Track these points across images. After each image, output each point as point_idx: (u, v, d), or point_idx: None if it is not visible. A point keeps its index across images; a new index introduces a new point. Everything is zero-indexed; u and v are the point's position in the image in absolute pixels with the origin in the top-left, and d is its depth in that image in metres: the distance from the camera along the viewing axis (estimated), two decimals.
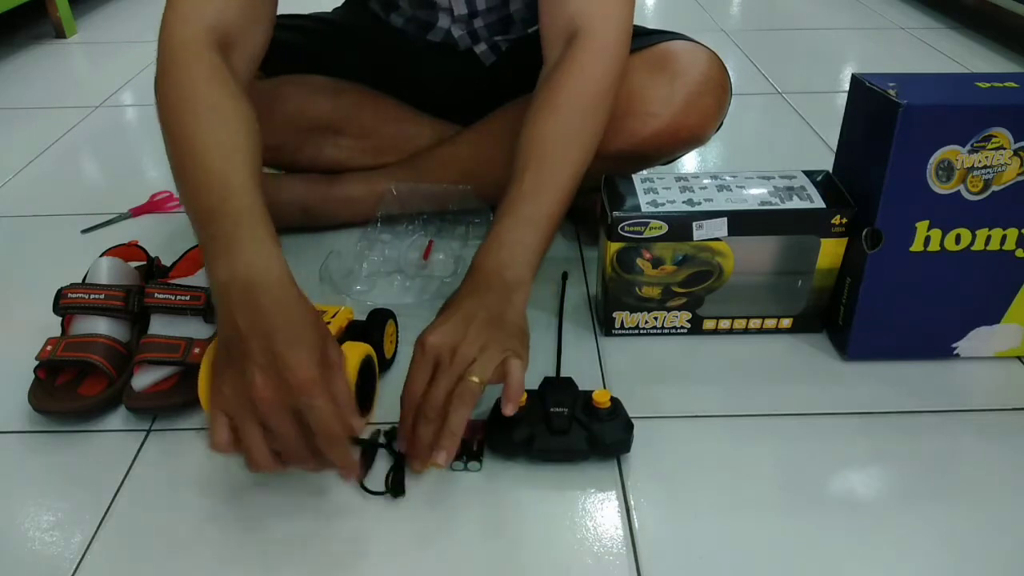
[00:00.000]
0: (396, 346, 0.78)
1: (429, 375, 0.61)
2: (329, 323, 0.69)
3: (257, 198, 0.63)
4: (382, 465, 0.65)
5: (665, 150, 0.86)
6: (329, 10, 1.06)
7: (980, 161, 0.67)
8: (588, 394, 0.66)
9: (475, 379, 0.59)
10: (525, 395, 0.65)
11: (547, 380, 0.69)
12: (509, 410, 0.61)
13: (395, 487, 0.63)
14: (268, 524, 0.61)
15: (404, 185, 0.95)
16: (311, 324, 0.58)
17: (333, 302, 0.82)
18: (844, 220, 0.73)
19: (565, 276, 0.88)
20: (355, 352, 0.65)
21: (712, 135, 0.88)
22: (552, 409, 0.65)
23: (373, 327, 0.74)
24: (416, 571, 0.57)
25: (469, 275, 0.68)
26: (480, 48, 0.95)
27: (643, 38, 0.88)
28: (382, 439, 0.66)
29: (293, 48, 0.96)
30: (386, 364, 0.75)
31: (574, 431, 0.64)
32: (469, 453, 0.65)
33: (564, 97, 0.72)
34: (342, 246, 0.94)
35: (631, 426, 0.65)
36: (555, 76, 0.73)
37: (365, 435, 0.65)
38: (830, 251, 0.75)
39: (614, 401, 0.65)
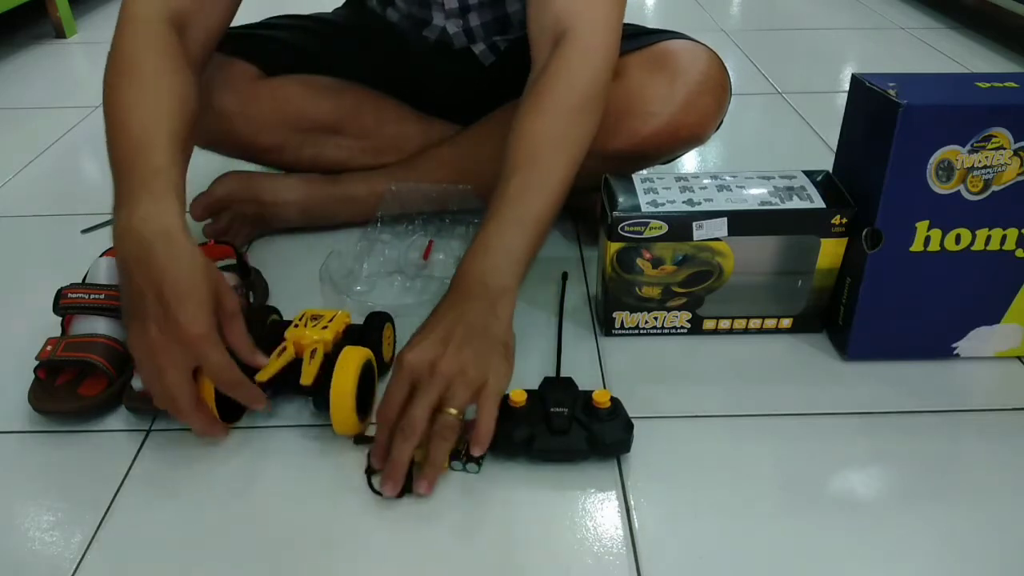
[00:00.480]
0: (394, 349, 0.78)
1: (406, 393, 0.61)
2: (326, 327, 0.70)
3: (170, 159, 0.64)
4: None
5: (665, 149, 0.86)
6: (329, 10, 1.06)
7: (980, 161, 0.67)
8: (588, 394, 0.66)
9: (452, 411, 0.60)
10: (525, 395, 0.65)
11: (547, 380, 0.69)
12: (476, 451, 0.62)
13: (404, 484, 0.63)
14: (268, 524, 0.61)
15: (404, 185, 0.95)
16: (202, 277, 0.60)
17: (333, 302, 0.82)
18: (844, 220, 0.73)
19: (565, 276, 0.88)
20: (355, 357, 0.65)
21: (712, 134, 0.88)
22: (552, 409, 0.65)
23: (371, 330, 0.74)
24: (416, 571, 0.57)
25: (454, 283, 0.67)
26: (479, 48, 0.95)
27: (643, 37, 0.88)
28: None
29: (293, 48, 0.97)
30: (385, 367, 0.75)
31: (574, 431, 0.64)
32: (468, 454, 0.65)
33: (551, 100, 0.72)
34: (342, 246, 0.94)
35: (631, 426, 0.65)
36: (542, 79, 0.72)
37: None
38: (830, 251, 0.75)
39: (614, 401, 0.65)
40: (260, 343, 0.67)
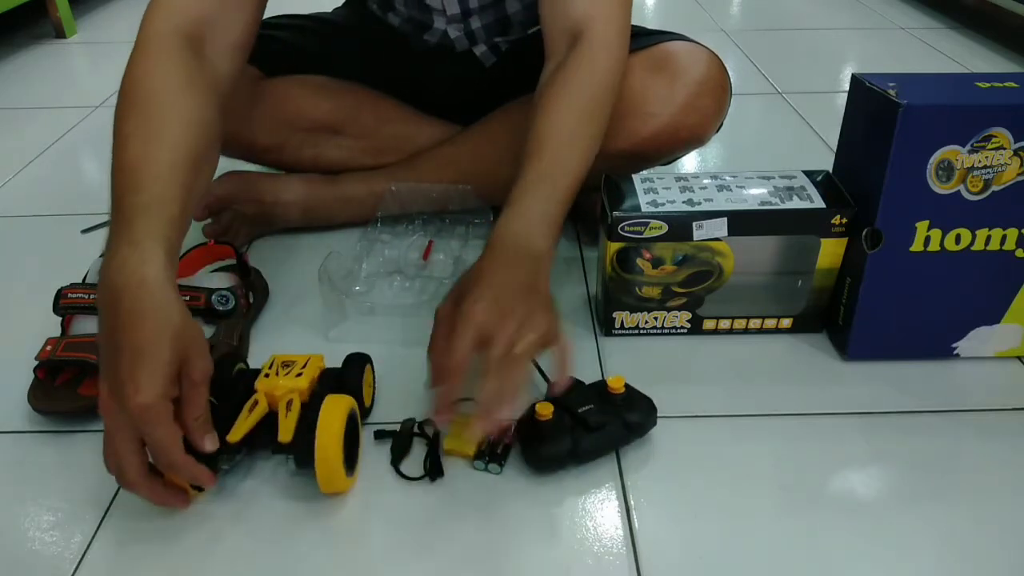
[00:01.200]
0: (374, 391, 0.73)
1: (471, 346, 0.58)
2: (300, 374, 0.63)
3: (163, 193, 0.59)
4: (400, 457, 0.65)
5: (665, 150, 0.86)
6: (329, 10, 1.06)
7: (980, 161, 0.67)
8: (602, 384, 0.67)
9: (518, 350, 0.58)
10: (551, 407, 0.65)
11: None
12: (564, 380, 0.63)
13: (432, 470, 0.64)
14: (268, 523, 0.61)
15: (404, 185, 0.95)
16: (168, 337, 0.54)
17: (332, 302, 0.82)
18: (844, 220, 0.73)
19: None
20: (338, 407, 0.60)
21: (712, 136, 0.88)
22: (581, 410, 0.65)
23: (350, 375, 0.68)
24: (415, 570, 0.57)
25: (495, 246, 0.66)
26: (479, 50, 0.95)
27: (643, 38, 0.88)
28: (415, 427, 0.68)
29: (294, 48, 0.97)
30: (366, 413, 0.70)
31: (610, 423, 0.65)
32: (492, 455, 0.65)
33: (574, 93, 0.73)
34: (342, 246, 0.94)
35: (651, 401, 0.67)
36: (562, 74, 0.73)
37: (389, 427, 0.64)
38: (830, 251, 0.75)
39: (626, 384, 0.67)
40: (226, 396, 0.63)
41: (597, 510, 0.62)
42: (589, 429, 0.64)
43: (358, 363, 0.69)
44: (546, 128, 0.71)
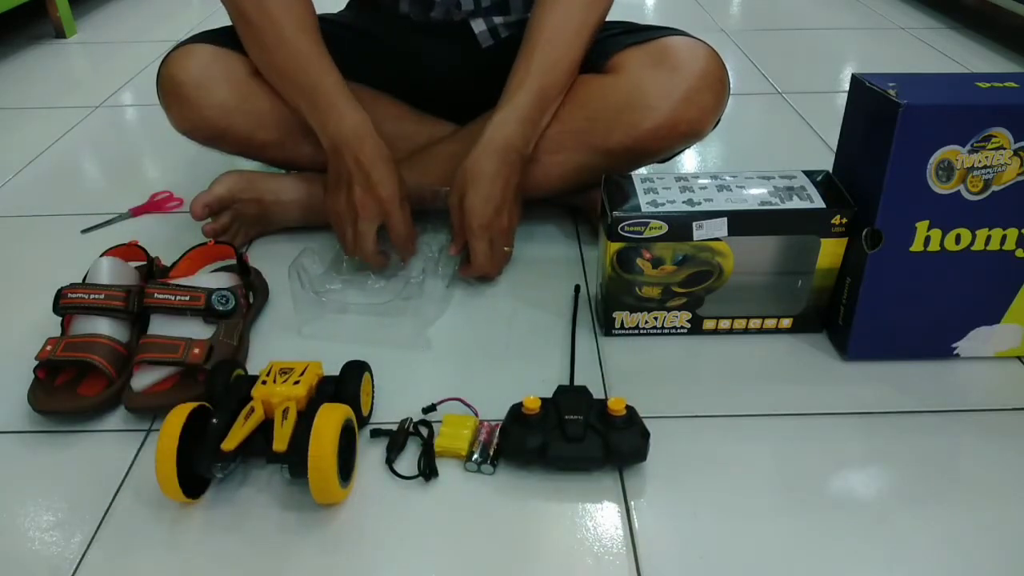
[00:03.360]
0: (373, 399, 0.71)
1: (489, 249, 0.84)
2: (298, 382, 0.64)
3: (336, 72, 0.86)
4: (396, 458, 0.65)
5: (664, 144, 0.86)
6: (333, 12, 1.06)
7: (980, 161, 0.67)
8: (603, 402, 0.66)
9: (507, 249, 0.87)
10: (539, 402, 0.65)
11: (561, 388, 0.69)
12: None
13: (427, 470, 0.64)
14: (268, 523, 0.61)
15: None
16: (393, 164, 0.83)
17: (302, 301, 0.81)
18: (844, 220, 0.73)
19: (577, 289, 0.87)
20: (333, 417, 0.60)
21: (710, 130, 0.88)
22: (567, 417, 0.64)
23: (348, 383, 0.67)
24: (416, 570, 0.57)
25: (485, 148, 0.82)
26: (478, 27, 0.95)
27: (643, 33, 0.88)
28: (411, 427, 0.68)
29: None
30: (363, 421, 0.68)
31: (589, 439, 0.63)
32: (484, 455, 0.65)
33: None
34: (316, 243, 0.93)
35: (647, 434, 0.64)
36: None
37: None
38: (830, 251, 0.75)
39: (629, 409, 0.65)
40: (223, 403, 0.63)
41: (597, 510, 0.62)
42: (564, 437, 0.63)
43: (356, 371, 0.68)
44: (538, 28, 0.84)
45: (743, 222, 0.73)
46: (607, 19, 0.91)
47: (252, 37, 0.87)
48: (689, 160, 1.23)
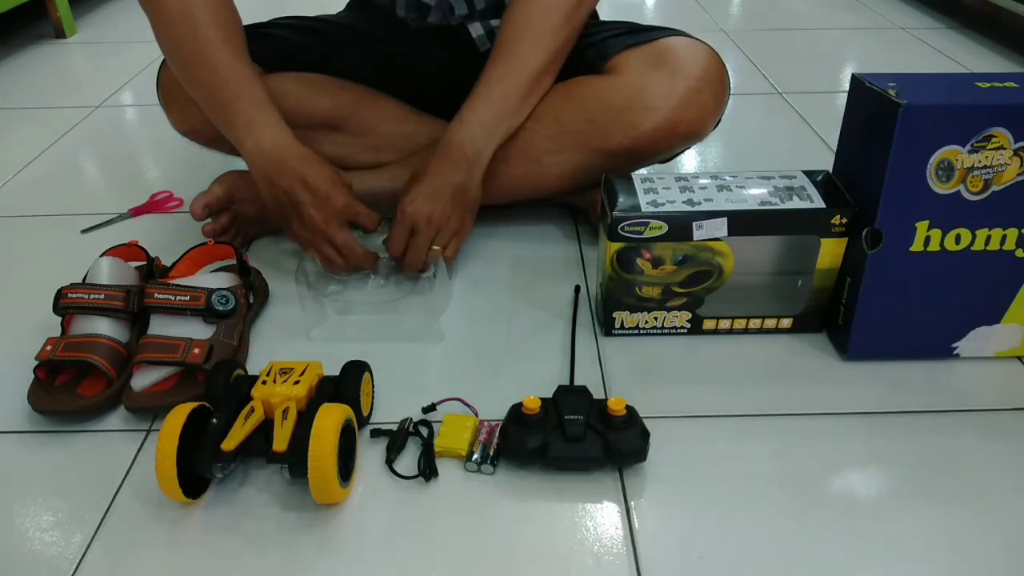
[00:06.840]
0: (373, 399, 0.71)
1: (407, 238, 0.81)
2: (298, 382, 0.64)
3: (259, 85, 0.82)
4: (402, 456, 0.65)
5: (664, 145, 0.86)
6: (332, 13, 1.06)
7: (980, 161, 0.67)
8: (603, 402, 0.66)
9: (436, 248, 0.82)
10: (539, 402, 0.65)
11: (561, 388, 0.69)
12: (449, 255, 0.84)
13: (427, 470, 0.64)
14: (268, 523, 0.61)
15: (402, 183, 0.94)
16: (325, 164, 0.81)
17: (309, 304, 0.81)
18: (844, 220, 0.73)
19: (577, 289, 0.87)
20: (333, 417, 0.60)
21: (710, 131, 0.88)
22: (567, 417, 0.64)
23: (348, 383, 0.67)
24: (416, 570, 0.57)
25: (439, 149, 0.82)
26: (476, 31, 0.95)
27: (643, 34, 0.88)
28: (411, 427, 0.68)
29: (293, 47, 0.97)
30: (363, 421, 0.68)
31: (589, 439, 0.63)
32: (484, 455, 0.65)
33: None
34: None
35: (647, 434, 0.64)
36: None
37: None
38: (830, 251, 0.75)
39: (629, 409, 0.65)
40: (223, 403, 0.63)
41: (597, 510, 0.62)
42: (564, 437, 0.63)
43: (356, 371, 0.68)
44: (506, 28, 0.83)
45: (743, 222, 0.73)
46: (607, 19, 0.92)
47: (170, 44, 0.82)
48: (689, 160, 1.23)
